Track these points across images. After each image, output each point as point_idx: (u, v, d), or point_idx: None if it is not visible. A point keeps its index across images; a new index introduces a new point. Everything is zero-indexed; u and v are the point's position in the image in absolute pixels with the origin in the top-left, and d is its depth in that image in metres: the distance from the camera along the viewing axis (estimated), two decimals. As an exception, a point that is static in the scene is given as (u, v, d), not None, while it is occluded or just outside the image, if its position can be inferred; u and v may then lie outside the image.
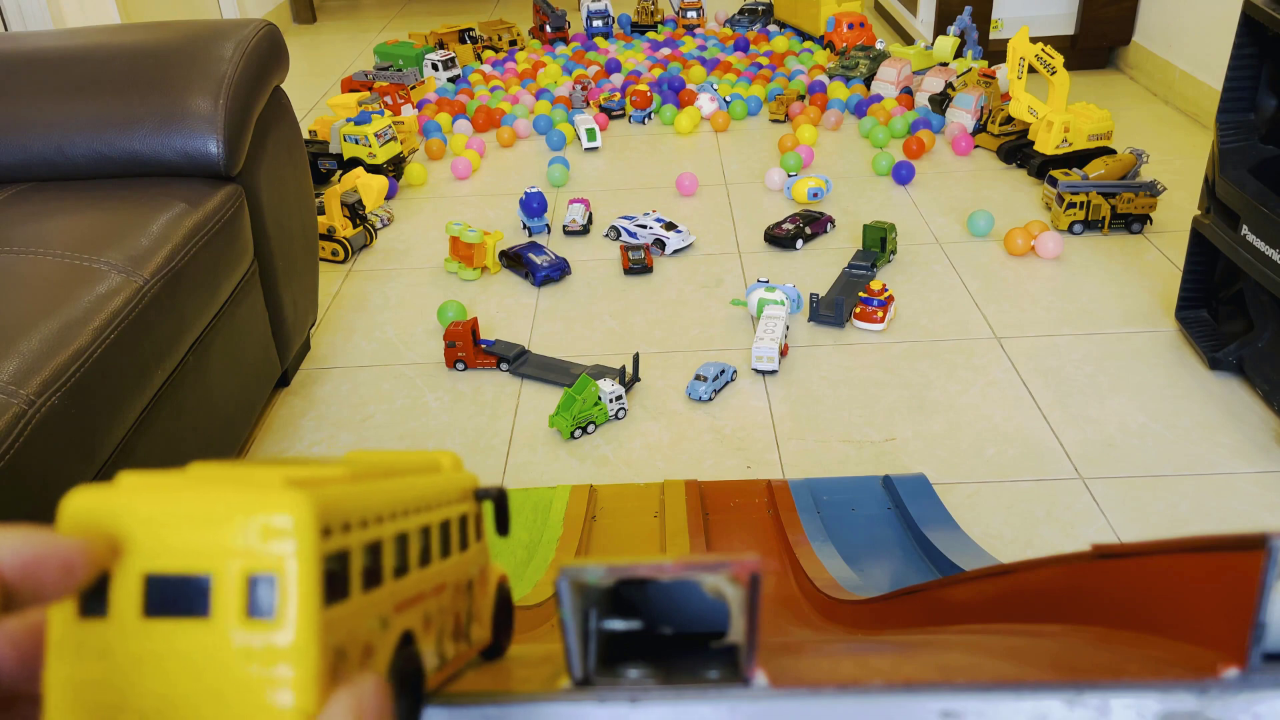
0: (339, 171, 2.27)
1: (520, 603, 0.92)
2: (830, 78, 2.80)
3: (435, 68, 2.94)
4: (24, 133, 1.24)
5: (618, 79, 2.90)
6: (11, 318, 0.94)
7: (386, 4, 4.29)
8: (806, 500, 1.24)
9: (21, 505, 0.84)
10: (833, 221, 2.04)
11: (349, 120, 2.27)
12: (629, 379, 1.55)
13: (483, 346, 1.61)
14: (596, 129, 2.49)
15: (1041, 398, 1.48)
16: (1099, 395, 1.48)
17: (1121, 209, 1.94)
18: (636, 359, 1.57)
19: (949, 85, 2.54)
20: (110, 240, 1.09)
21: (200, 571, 0.20)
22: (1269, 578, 0.23)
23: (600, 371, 1.56)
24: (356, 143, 2.24)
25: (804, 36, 3.23)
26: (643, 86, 2.68)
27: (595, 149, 2.50)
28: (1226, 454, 1.35)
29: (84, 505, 0.22)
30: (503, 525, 0.32)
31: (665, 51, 3.11)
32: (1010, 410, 1.46)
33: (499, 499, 0.32)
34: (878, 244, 1.87)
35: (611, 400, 1.45)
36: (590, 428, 1.46)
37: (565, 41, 3.32)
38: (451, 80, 2.96)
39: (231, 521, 0.20)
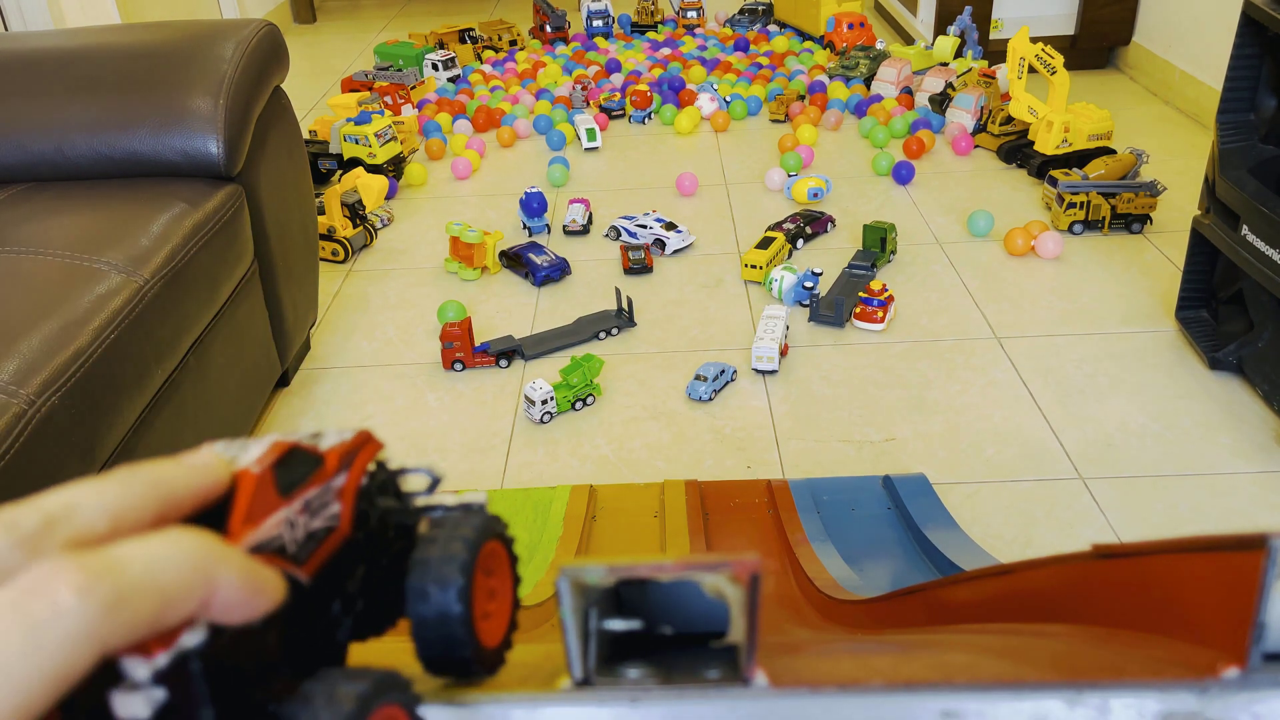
0: (339, 171, 2.27)
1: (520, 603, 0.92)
2: (830, 78, 2.80)
3: (435, 68, 2.94)
4: (24, 133, 1.24)
5: (618, 79, 2.90)
6: (11, 318, 0.94)
7: (386, 4, 4.29)
8: (806, 500, 1.24)
9: (21, 505, 0.84)
10: (833, 221, 2.04)
11: (349, 120, 2.27)
12: (625, 317, 1.70)
13: (478, 355, 1.61)
14: (596, 129, 2.49)
15: (1041, 398, 1.48)
16: (1099, 395, 1.48)
17: (1121, 209, 1.93)
18: (628, 299, 1.71)
19: (949, 85, 2.54)
20: (110, 240, 1.09)
21: None
22: (1269, 578, 0.23)
23: (596, 320, 1.71)
24: (356, 143, 2.24)
25: (804, 36, 3.23)
26: (643, 86, 2.68)
27: (595, 149, 2.50)
28: (1226, 454, 1.35)
29: None
30: None
31: (665, 51, 3.11)
32: (1010, 410, 1.46)
33: None
34: (878, 244, 1.87)
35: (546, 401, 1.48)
36: (590, 399, 1.50)
37: (565, 41, 3.32)
38: (451, 80, 2.96)
39: None
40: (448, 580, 0.26)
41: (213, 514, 0.23)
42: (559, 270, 1.87)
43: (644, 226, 1.99)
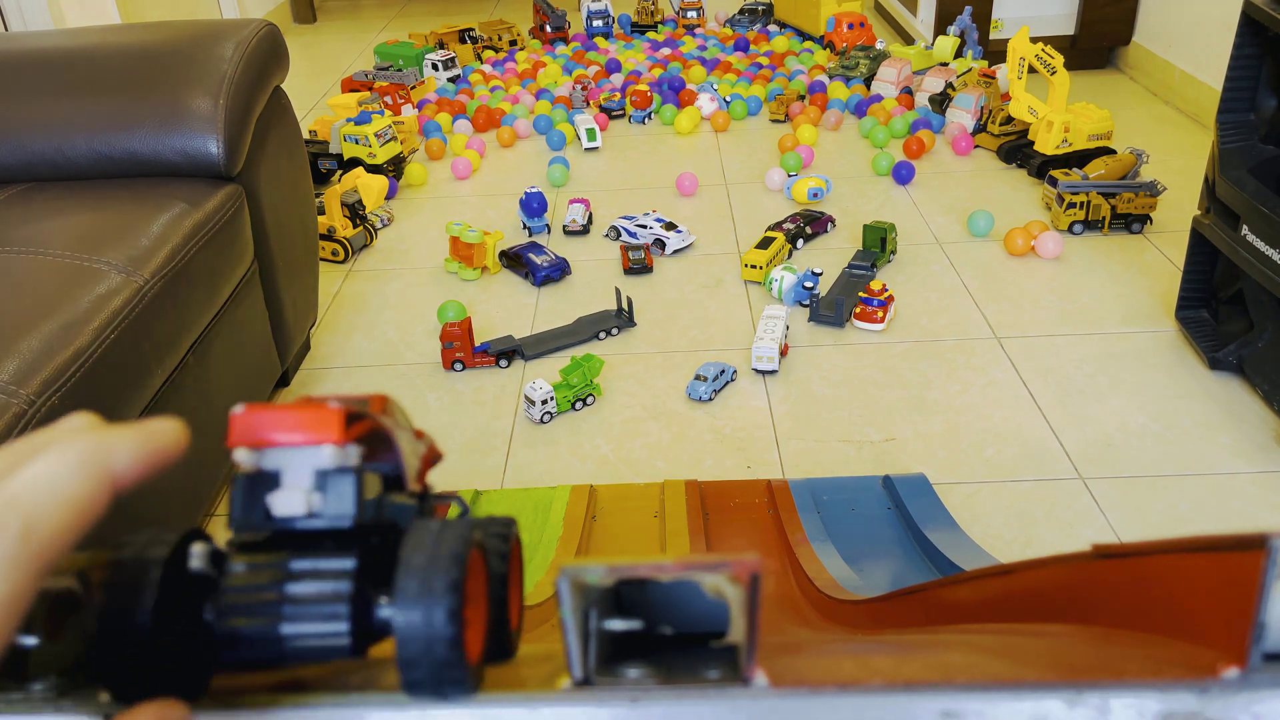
0: (339, 171, 2.27)
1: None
2: (830, 78, 2.80)
3: (435, 68, 2.94)
4: (24, 133, 1.24)
5: (618, 79, 2.90)
6: (11, 318, 0.94)
7: (386, 4, 4.29)
8: (806, 500, 1.24)
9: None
10: (833, 221, 2.04)
11: (349, 120, 2.27)
12: (625, 317, 1.71)
13: (478, 355, 1.61)
14: (596, 129, 2.49)
15: (1041, 398, 1.48)
16: (1099, 395, 1.48)
17: (1121, 209, 1.94)
18: (628, 299, 1.71)
19: (949, 85, 2.54)
20: (110, 240, 1.09)
21: None
22: (1269, 578, 0.23)
23: (596, 320, 1.71)
24: (356, 143, 2.24)
25: (804, 36, 3.23)
26: (643, 86, 2.68)
27: (595, 149, 2.50)
28: (1226, 454, 1.35)
29: None
30: None
31: (665, 51, 3.11)
32: (1010, 410, 1.46)
33: None
34: (878, 244, 1.87)
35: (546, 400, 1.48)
36: (590, 399, 1.50)
37: (565, 41, 3.32)
38: (451, 80, 2.96)
39: None
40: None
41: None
42: (559, 270, 1.87)
43: (644, 226, 1.99)
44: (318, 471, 0.25)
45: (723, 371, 1.53)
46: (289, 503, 0.25)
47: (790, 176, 2.20)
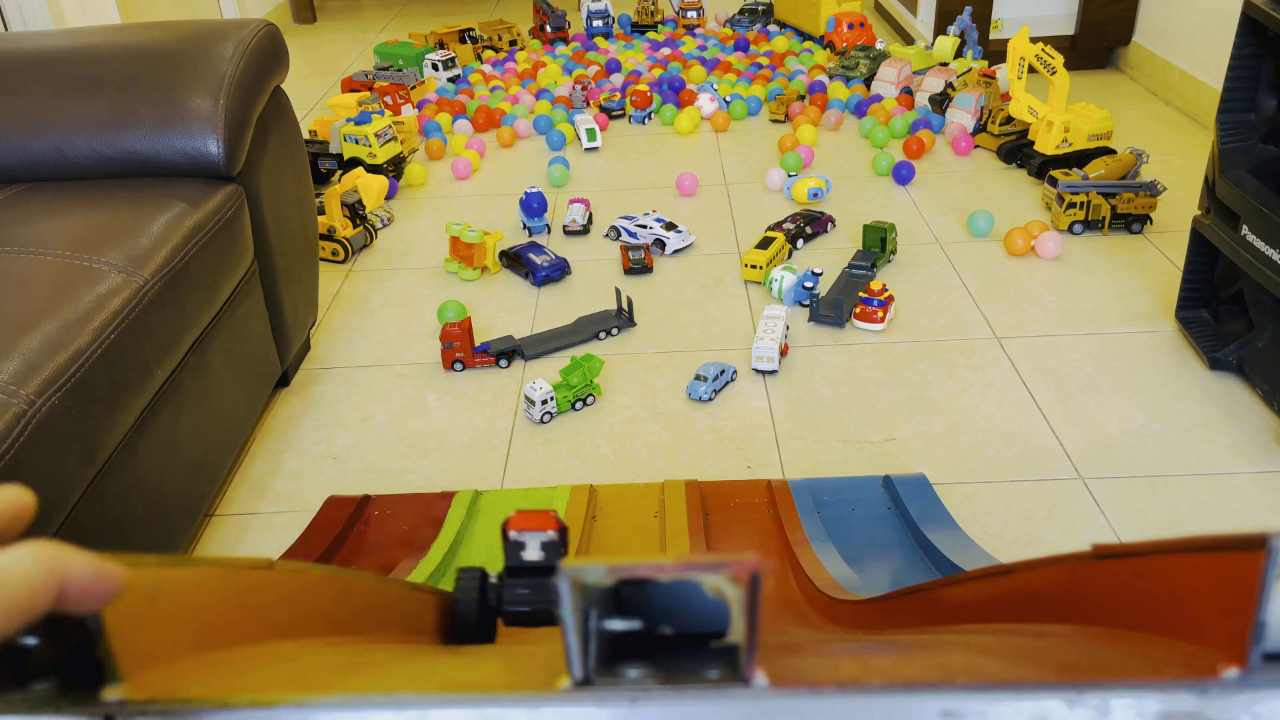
0: (339, 171, 2.28)
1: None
2: (830, 78, 2.80)
3: (435, 68, 2.94)
4: (24, 133, 1.24)
5: (618, 79, 2.90)
6: (11, 318, 0.94)
7: (386, 4, 4.29)
8: (806, 500, 1.24)
9: (21, 505, 0.84)
10: (833, 221, 2.04)
11: (349, 120, 2.27)
12: (625, 317, 1.71)
13: (478, 355, 1.61)
14: (596, 129, 2.49)
15: (1041, 398, 1.48)
16: (1099, 395, 1.48)
17: (1121, 209, 1.94)
18: (628, 299, 1.71)
19: (949, 85, 2.54)
20: (110, 240, 1.09)
21: None
22: (1269, 578, 0.23)
23: (596, 320, 1.72)
24: (356, 143, 2.24)
25: (804, 36, 3.23)
26: (643, 86, 2.68)
27: (595, 149, 2.50)
28: (1226, 454, 1.35)
29: None
30: None
31: (665, 51, 3.11)
32: (1010, 410, 1.46)
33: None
34: (878, 244, 1.87)
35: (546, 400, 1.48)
36: (590, 399, 1.50)
37: (565, 41, 3.32)
38: (451, 80, 2.96)
39: None
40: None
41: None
42: (559, 270, 1.87)
43: (644, 226, 1.99)
44: (543, 542, 0.50)
45: (723, 371, 1.53)
46: (533, 554, 0.50)
47: (790, 176, 2.21)
